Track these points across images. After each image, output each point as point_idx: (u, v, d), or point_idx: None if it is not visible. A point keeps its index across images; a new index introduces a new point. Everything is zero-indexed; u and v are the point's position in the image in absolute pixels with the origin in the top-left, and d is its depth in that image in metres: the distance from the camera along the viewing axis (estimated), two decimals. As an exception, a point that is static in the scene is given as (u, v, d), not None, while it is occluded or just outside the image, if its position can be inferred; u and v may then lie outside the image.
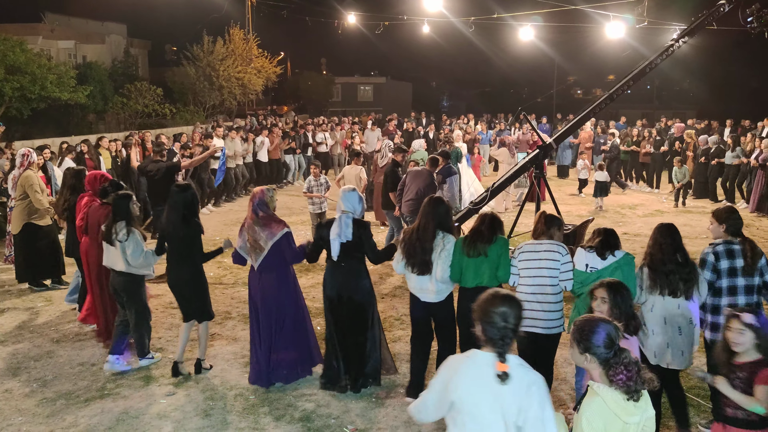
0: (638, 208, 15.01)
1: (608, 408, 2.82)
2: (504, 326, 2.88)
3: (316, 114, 32.19)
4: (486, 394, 2.80)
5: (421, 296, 5.37)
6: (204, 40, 28.17)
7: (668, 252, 4.70)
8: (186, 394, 5.78)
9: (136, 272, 6.11)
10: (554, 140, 10.07)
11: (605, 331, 2.93)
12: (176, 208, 5.88)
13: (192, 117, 26.34)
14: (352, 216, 5.56)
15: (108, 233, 6.01)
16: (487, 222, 5.22)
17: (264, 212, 5.74)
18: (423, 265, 5.19)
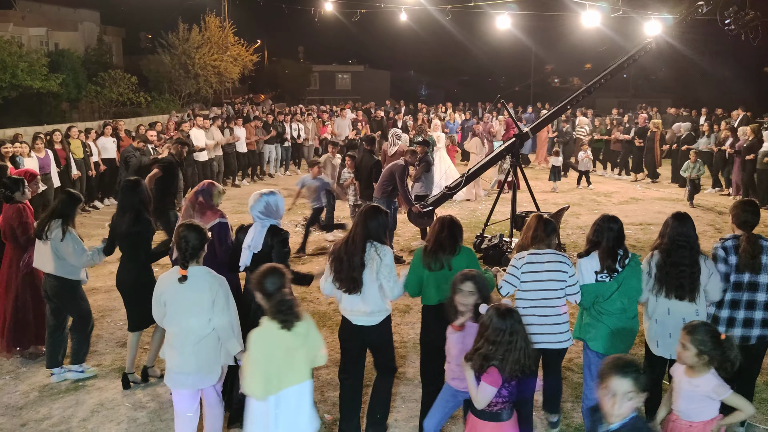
0: (614, 195, 15.17)
1: (266, 333, 3.61)
2: (188, 245, 4.22)
3: (294, 102, 31.96)
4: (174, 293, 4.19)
5: (353, 319, 4.61)
6: (179, 28, 27.79)
7: (687, 255, 4.52)
8: (162, 384, 5.74)
9: (69, 275, 5.70)
10: (530, 130, 10.20)
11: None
12: (124, 204, 5.66)
13: (167, 105, 26.01)
14: (268, 223, 4.92)
15: (41, 228, 5.64)
16: (447, 230, 4.60)
17: (204, 199, 5.47)
18: (350, 281, 4.48)
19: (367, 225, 4.54)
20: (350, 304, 4.59)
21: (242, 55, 29.83)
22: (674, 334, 4.36)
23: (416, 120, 21.05)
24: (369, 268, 4.49)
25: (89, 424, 5.12)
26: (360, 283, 4.49)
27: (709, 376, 3.55)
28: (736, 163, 14.52)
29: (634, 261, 4.63)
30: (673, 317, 4.53)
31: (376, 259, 4.50)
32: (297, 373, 3.67)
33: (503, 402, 3.60)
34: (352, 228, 4.64)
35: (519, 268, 4.63)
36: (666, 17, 16.88)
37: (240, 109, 25.73)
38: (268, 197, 4.93)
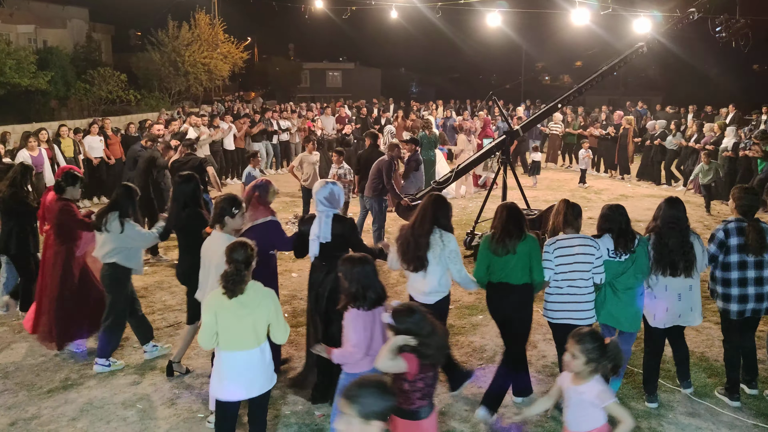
0: (604, 192, 15.22)
1: (214, 297, 4.01)
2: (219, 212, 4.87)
3: (285, 100, 31.89)
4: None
5: (417, 297, 5.03)
6: (169, 25, 27.69)
7: (677, 237, 5.01)
8: (152, 383, 5.74)
9: (124, 263, 5.87)
10: (521, 128, 10.25)
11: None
12: (178, 199, 5.80)
13: (157, 103, 25.92)
14: (332, 213, 5.19)
15: (99, 220, 5.82)
16: (514, 219, 4.96)
17: (261, 195, 5.58)
18: (416, 260, 4.90)
19: (435, 212, 4.95)
20: (413, 282, 5.05)
21: (232, 52, 29.76)
22: (670, 308, 5.10)
23: (406, 118, 21.04)
24: (432, 251, 4.89)
25: (79, 423, 5.09)
26: (425, 262, 4.89)
27: (593, 383, 3.59)
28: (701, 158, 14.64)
29: (643, 242, 5.07)
30: (669, 293, 5.07)
31: (439, 244, 4.91)
32: (244, 339, 3.96)
33: (421, 397, 3.61)
34: (419, 211, 5.01)
35: (551, 252, 4.98)
36: (656, 14, 16.97)
37: (230, 106, 25.65)
38: (333, 186, 5.23)
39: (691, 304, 5.18)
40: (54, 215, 6.30)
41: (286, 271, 8.71)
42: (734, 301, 5.18)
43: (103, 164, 13.63)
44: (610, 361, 3.57)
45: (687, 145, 15.31)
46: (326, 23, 28.55)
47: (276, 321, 4.06)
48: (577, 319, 4.93)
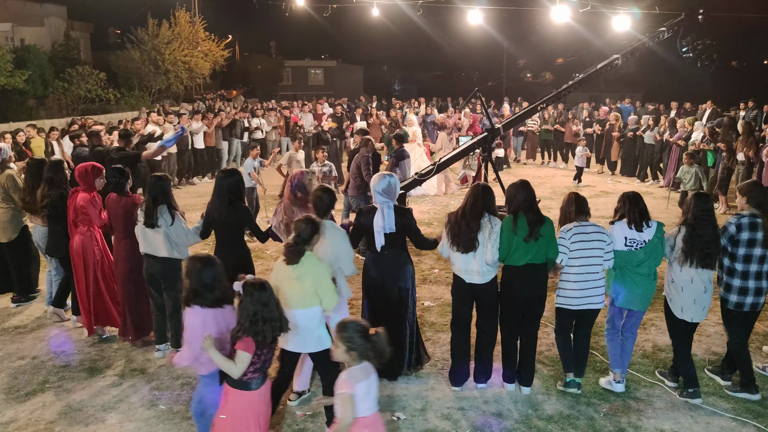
0: (584, 189, 15.30)
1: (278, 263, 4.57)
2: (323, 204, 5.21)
3: (266, 98, 31.77)
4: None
5: (467, 278, 5.29)
6: (149, 23, 27.47)
7: (709, 228, 5.13)
8: (131, 385, 5.68)
9: (177, 256, 5.91)
10: (502, 127, 10.37)
11: None
12: (221, 193, 5.75)
13: (137, 102, 25.71)
14: (392, 204, 5.40)
15: (149, 218, 5.78)
16: (531, 204, 5.19)
17: (302, 193, 5.78)
18: (468, 242, 5.14)
19: (485, 198, 5.19)
20: (465, 263, 5.24)
21: (213, 50, 29.60)
22: (697, 299, 5.22)
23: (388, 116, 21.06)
24: (483, 233, 5.16)
25: (57, 426, 5.03)
26: (476, 243, 5.14)
27: (347, 371, 3.65)
28: (674, 151, 15.05)
29: (660, 231, 5.25)
30: (695, 285, 5.20)
31: (488, 227, 5.17)
32: (293, 299, 4.45)
33: (254, 371, 3.88)
34: (469, 199, 5.21)
35: (568, 239, 5.19)
36: (635, 12, 17.12)
37: (211, 105, 25.48)
38: (390, 178, 5.42)
39: (711, 298, 5.32)
40: (123, 212, 6.21)
41: (269, 269, 8.67)
42: (734, 292, 5.34)
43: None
44: (374, 352, 3.62)
45: (660, 140, 15.63)
46: (308, 21, 28.47)
47: (323, 291, 4.50)
48: (594, 303, 5.26)
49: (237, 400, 3.92)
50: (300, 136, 12.70)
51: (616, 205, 5.43)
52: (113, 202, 6.34)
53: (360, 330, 3.60)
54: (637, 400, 5.37)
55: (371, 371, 3.62)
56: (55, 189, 6.79)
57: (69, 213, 6.59)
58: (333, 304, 4.60)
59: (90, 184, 6.53)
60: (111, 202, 6.36)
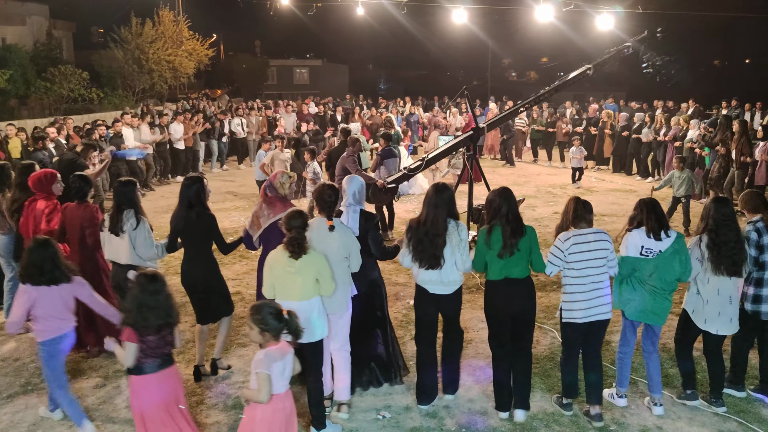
0: (569, 187, 15.38)
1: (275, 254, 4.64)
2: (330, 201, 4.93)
3: (251, 97, 31.65)
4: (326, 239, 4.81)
5: (430, 288, 4.97)
6: (132, 22, 27.26)
7: (732, 232, 4.91)
8: (115, 386, 5.65)
9: (142, 263, 5.68)
10: (486, 126, 10.47)
11: None
12: (183, 200, 5.58)
13: (121, 102, 25.51)
14: (359, 208, 5.28)
15: (114, 223, 5.63)
16: (513, 218, 4.81)
17: (272, 194, 5.74)
18: (433, 259, 4.83)
19: (445, 204, 4.85)
20: (429, 276, 4.94)
21: (197, 49, 29.43)
22: (722, 312, 4.99)
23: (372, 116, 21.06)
24: (449, 245, 4.85)
25: (39, 428, 5.00)
26: (441, 260, 4.84)
27: (266, 351, 3.87)
28: (669, 150, 15.23)
29: (678, 242, 4.89)
30: (721, 296, 4.96)
31: (455, 234, 4.86)
32: (293, 292, 4.55)
33: (146, 356, 4.03)
34: (428, 208, 4.86)
35: (564, 250, 4.83)
36: (618, 11, 17.24)
37: (195, 104, 25.34)
38: (362, 181, 5.40)
39: (737, 308, 5.09)
40: (83, 221, 6.05)
41: (252, 270, 8.64)
42: (766, 301, 5.16)
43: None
44: (289, 331, 3.91)
45: (656, 138, 15.76)
46: (292, 20, 28.35)
47: (324, 279, 4.59)
48: (601, 314, 4.88)
49: (135, 385, 4.13)
50: (284, 135, 12.66)
51: (632, 213, 5.09)
52: (72, 210, 6.14)
53: (272, 311, 3.87)
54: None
55: (287, 351, 3.91)
56: (26, 193, 6.58)
57: (29, 222, 6.34)
58: (330, 291, 4.68)
59: (48, 191, 6.38)
60: (69, 210, 6.16)
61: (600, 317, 4.89)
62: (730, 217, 4.93)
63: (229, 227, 11.40)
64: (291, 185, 5.82)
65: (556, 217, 12.09)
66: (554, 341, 6.55)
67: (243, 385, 5.63)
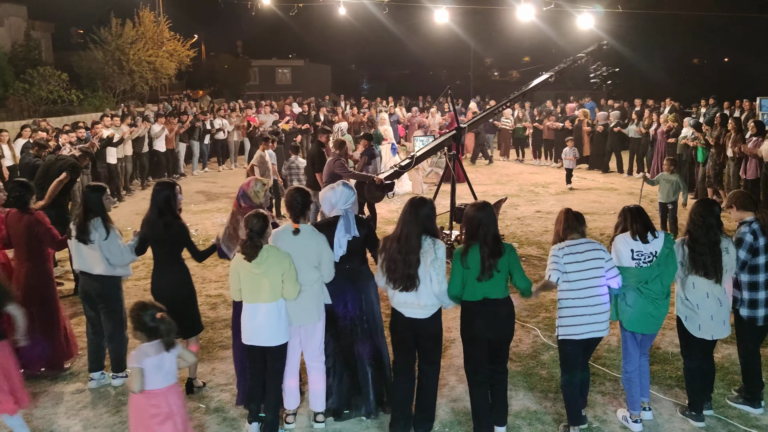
0: (551, 186, 15.48)
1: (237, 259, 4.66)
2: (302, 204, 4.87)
3: (233, 98, 31.50)
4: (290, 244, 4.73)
5: (406, 311, 4.60)
6: (112, 23, 26.99)
7: (710, 230, 4.78)
8: (96, 390, 5.60)
9: (115, 273, 5.53)
10: (467, 125, 10.53)
11: None
12: (153, 208, 5.35)
13: (101, 103, 25.23)
14: (351, 213, 5.06)
15: (82, 232, 5.41)
16: (491, 238, 4.50)
17: (246, 204, 5.32)
18: (407, 279, 4.47)
19: (420, 220, 4.51)
20: (404, 298, 4.58)
21: (178, 50, 29.21)
22: (715, 316, 4.80)
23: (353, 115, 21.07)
24: (423, 264, 4.49)
25: (19, 435, 4.93)
26: (416, 280, 4.48)
27: (140, 347, 4.04)
28: (658, 147, 15.50)
29: (669, 242, 4.79)
30: (711, 300, 4.80)
31: (431, 253, 4.49)
32: (261, 294, 4.57)
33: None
34: (402, 224, 4.55)
35: (561, 257, 4.64)
36: (598, 10, 17.38)
37: (177, 105, 25.18)
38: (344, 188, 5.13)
39: (728, 310, 4.96)
40: (25, 230, 5.81)
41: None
42: (762, 305, 5.00)
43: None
44: (163, 332, 4.02)
45: (647, 132, 16.06)
46: (274, 20, 28.26)
47: (288, 279, 4.57)
48: (599, 331, 4.69)
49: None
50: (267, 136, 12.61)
51: (617, 221, 4.97)
52: (14, 218, 5.89)
53: (146, 312, 4.02)
54: (603, 394, 5.45)
55: (162, 349, 4.01)
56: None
57: None
58: (295, 294, 4.61)
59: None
60: (11, 219, 5.91)
61: (599, 334, 4.71)
62: (709, 221, 4.79)
63: (211, 228, 11.37)
64: (265, 193, 5.53)
65: (538, 215, 12.18)
66: (537, 339, 6.60)
67: (223, 390, 5.61)
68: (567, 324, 4.69)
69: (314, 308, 4.82)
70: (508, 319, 4.65)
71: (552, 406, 5.27)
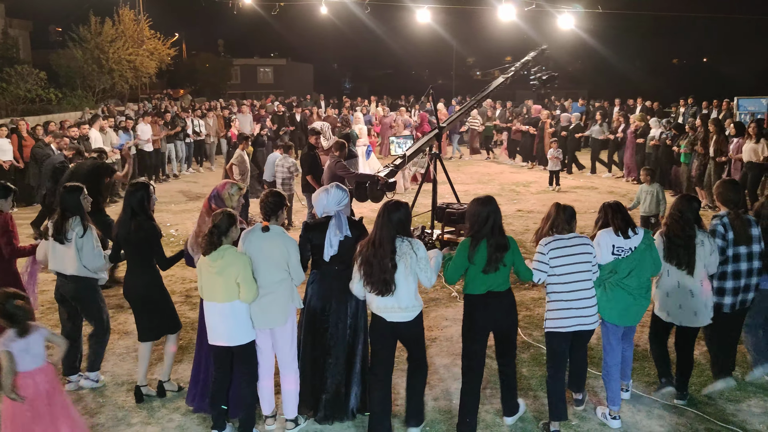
0: (532, 185, 15.57)
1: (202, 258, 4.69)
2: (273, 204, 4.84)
3: (215, 97, 31.33)
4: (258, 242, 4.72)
5: (387, 316, 4.58)
6: (91, 21, 26.74)
7: (687, 225, 5.02)
8: (70, 393, 5.54)
9: (90, 275, 5.48)
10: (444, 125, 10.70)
11: None
12: (126, 209, 5.29)
13: (80, 102, 24.98)
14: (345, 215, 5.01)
15: (59, 230, 5.36)
16: (498, 232, 4.62)
17: (217, 206, 5.16)
18: (383, 284, 4.45)
19: (392, 223, 4.51)
20: (383, 302, 4.56)
21: (159, 49, 29.00)
22: (684, 305, 5.08)
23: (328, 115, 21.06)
24: (402, 267, 4.49)
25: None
26: (392, 285, 4.47)
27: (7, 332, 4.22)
28: (628, 147, 15.83)
29: (648, 238, 4.93)
30: (681, 289, 5.06)
31: (409, 254, 4.50)
32: (215, 293, 4.61)
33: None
34: (375, 229, 4.53)
35: (546, 254, 4.75)
36: (578, 9, 17.52)
37: (157, 104, 25.00)
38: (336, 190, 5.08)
39: (705, 301, 5.10)
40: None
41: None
42: (729, 294, 5.27)
43: (12, 168, 13.01)
44: (22, 317, 4.19)
45: (616, 136, 16.31)
46: (256, 19, 28.12)
47: (243, 282, 4.54)
48: (587, 324, 4.79)
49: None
50: (246, 135, 12.59)
51: (597, 216, 5.15)
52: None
53: (10, 301, 4.17)
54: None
55: (30, 332, 4.19)
56: None
57: None
58: (251, 298, 4.57)
59: None
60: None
61: (587, 327, 4.79)
62: (687, 216, 5.00)
63: (191, 228, 11.27)
64: (239, 198, 5.40)
65: (519, 214, 12.25)
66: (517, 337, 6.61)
67: (206, 389, 5.58)
68: (554, 317, 4.79)
69: (278, 312, 4.74)
70: (511, 308, 4.77)
71: (532, 404, 5.29)
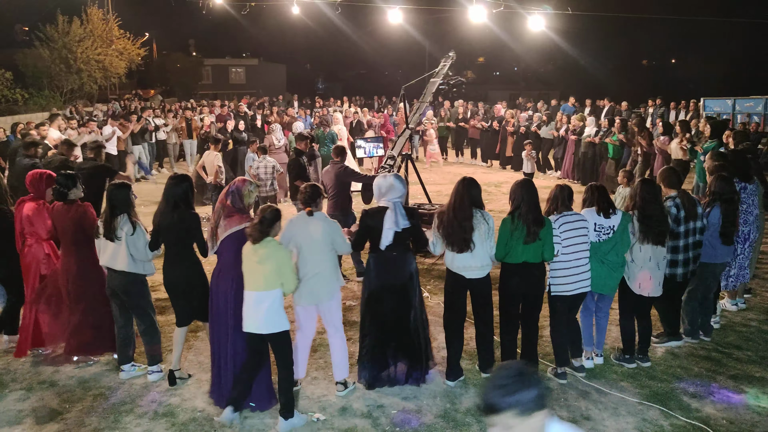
0: (503, 185, 15.68)
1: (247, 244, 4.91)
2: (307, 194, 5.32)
3: (186, 97, 31.05)
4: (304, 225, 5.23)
5: (466, 273, 5.41)
6: (59, 20, 26.35)
7: (656, 207, 5.68)
8: (39, 398, 5.46)
9: (140, 270, 5.59)
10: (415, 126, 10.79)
11: None
12: (168, 200, 5.45)
13: (48, 103, 24.63)
14: (400, 204, 5.48)
15: (109, 229, 5.45)
16: (534, 207, 5.34)
17: (235, 203, 5.31)
18: (463, 242, 5.26)
19: (471, 193, 5.34)
20: (462, 261, 5.38)
21: (128, 48, 28.71)
22: (653, 276, 5.76)
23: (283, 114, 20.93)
24: (478, 231, 5.31)
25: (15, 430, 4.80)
26: (471, 243, 5.28)
27: None
28: (568, 147, 16.31)
29: (627, 219, 5.68)
30: (652, 263, 5.74)
31: (483, 223, 5.35)
32: (256, 282, 4.80)
33: None
34: (456, 196, 5.32)
35: (558, 228, 5.47)
36: (547, 10, 17.71)
37: (127, 105, 24.69)
38: (393, 179, 5.53)
39: (664, 273, 5.88)
40: (72, 223, 5.84)
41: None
42: (680, 265, 6.05)
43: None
44: None
45: (559, 135, 16.78)
46: (227, 18, 27.96)
47: (285, 274, 4.80)
48: (585, 287, 5.60)
49: None
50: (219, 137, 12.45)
51: (584, 196, 5.81)
52: (60, 212, 5.91)
53: None
54: (550, 389, 5.55)
55: None
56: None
57: (16, 225, 6.19)
58: (293, 288, 4.90)
59: (41, 192, 6.21)
60: (57, 212, 5.93)
61: (584, 289, 5.61)
62: (655, 195, 5.69)
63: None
64: (253, 197, 5.51)
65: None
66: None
67: (175, 393, 5.53)
68: (559, 282, 5.56)
69: (325, 290, 5.29)
70: (541, 277, 5.55)
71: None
